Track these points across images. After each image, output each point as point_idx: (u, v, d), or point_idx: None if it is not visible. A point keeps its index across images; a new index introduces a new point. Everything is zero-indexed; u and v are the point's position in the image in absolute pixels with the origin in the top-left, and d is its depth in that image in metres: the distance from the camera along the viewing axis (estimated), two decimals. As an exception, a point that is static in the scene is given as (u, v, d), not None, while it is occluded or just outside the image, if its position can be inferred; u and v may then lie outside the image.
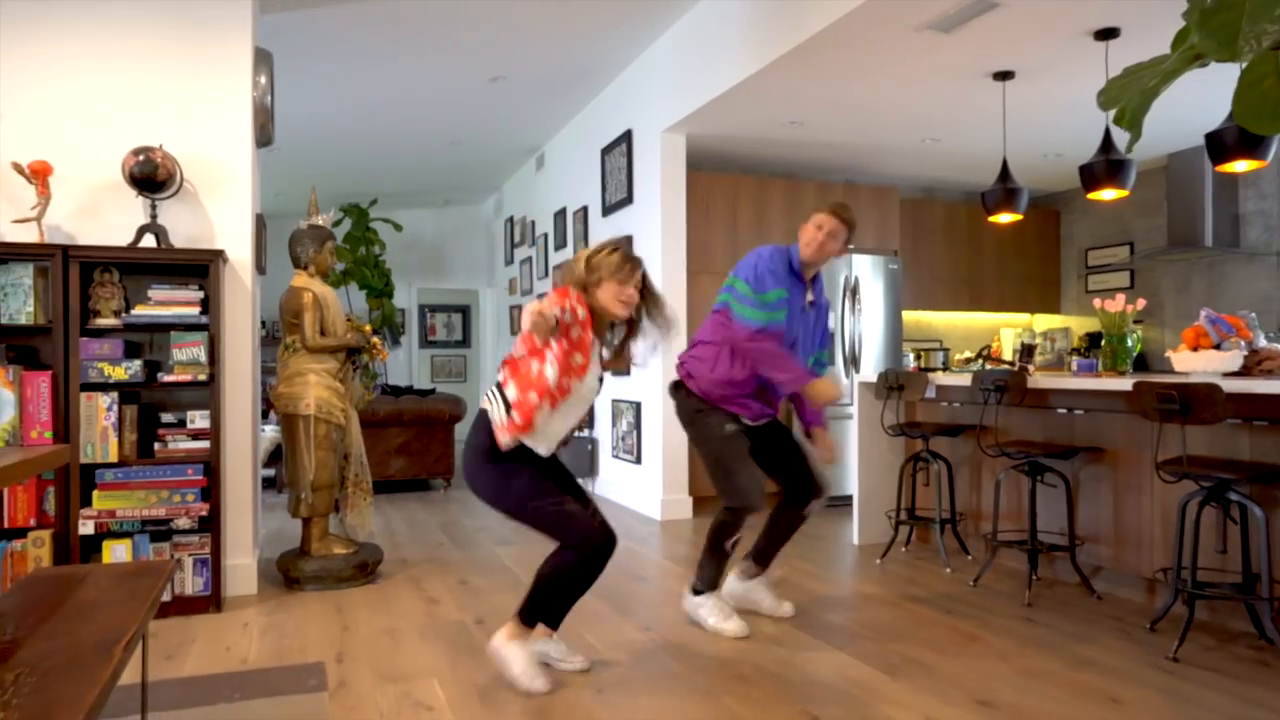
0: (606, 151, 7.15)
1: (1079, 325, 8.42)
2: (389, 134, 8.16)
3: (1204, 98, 5.54)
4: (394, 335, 11.59)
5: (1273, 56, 1.48)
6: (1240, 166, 4.03)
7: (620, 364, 3.23)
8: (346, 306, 11.07)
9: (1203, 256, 7.14)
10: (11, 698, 1.64)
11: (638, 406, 6.59)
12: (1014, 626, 3.66)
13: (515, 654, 2.98)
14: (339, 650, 3.40)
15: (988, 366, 5.07)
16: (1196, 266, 7.34)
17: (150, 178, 3.88)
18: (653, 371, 6.33)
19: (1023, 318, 8.90)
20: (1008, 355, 8.05)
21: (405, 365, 12.27)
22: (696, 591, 3.70)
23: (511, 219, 10.37)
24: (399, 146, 8.64)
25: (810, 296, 3.77)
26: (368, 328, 4.67)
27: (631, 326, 3.16)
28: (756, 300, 3.56)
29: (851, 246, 3.86)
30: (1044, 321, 8.83)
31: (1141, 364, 7.39)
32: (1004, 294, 8.50)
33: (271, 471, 7.46)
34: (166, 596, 3.84)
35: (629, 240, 3.04)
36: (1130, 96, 2.13)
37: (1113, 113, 1.72)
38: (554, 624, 3.16)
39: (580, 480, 7.62)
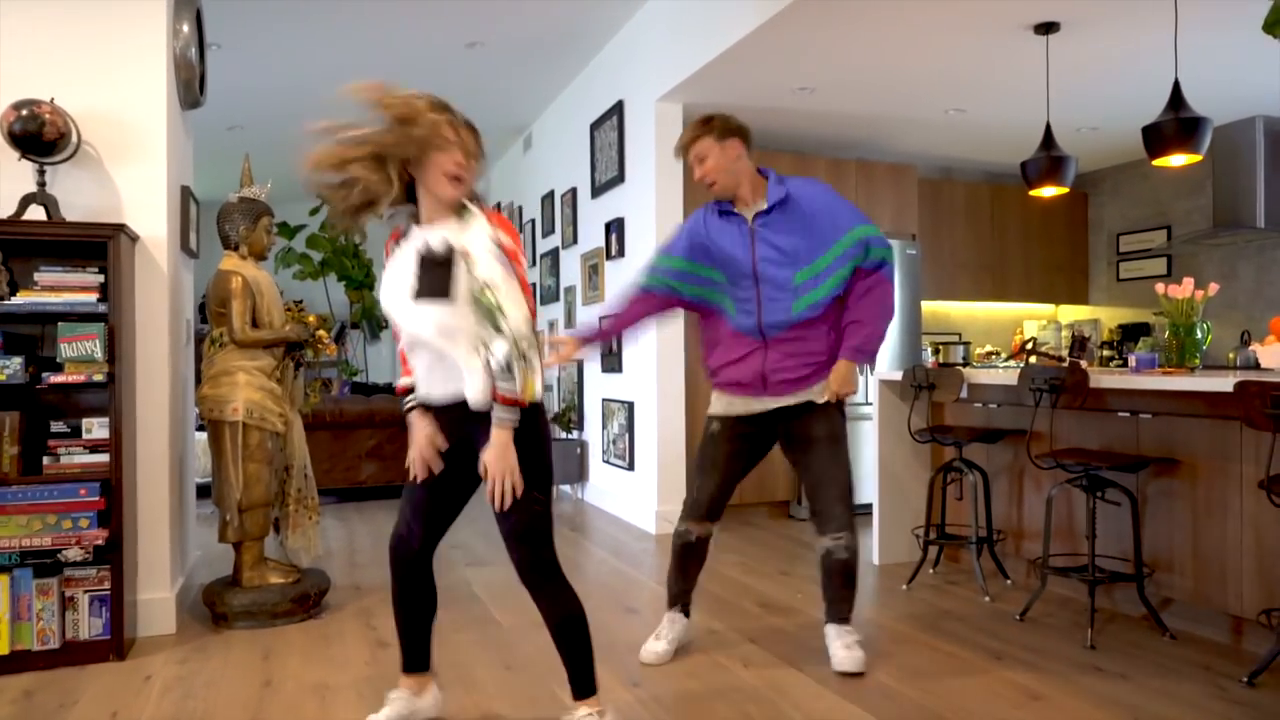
0: (596, 126, 6.48)
1: (1109, 317, 7.76)
2: (362, 108, 7.48)
3: (1257, 60, 4.88)
4: (375, 330, 10.93)
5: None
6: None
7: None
8: (324, 299, 10.44)
9: (1252, 240, 6.48)
10: None
11: (630, 406, 5.93)
12: (1081, 679, 3.00)
13: None
14: (253, 715, 2.74)
15: (1034, 360, 4.39)
16: (1244, 251, 6.68)
17: (36, 136, 3.21)
18: (647, 369, 5.68)
19: (1048, 309, 8.22)
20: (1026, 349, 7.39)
21: (387, 361, 11.60)
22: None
23: (498, 205, 9.71)
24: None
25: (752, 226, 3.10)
26: (312, 318, 4.02)
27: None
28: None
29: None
30: (1070, 313, 8.16)
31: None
32: (1028, 283, 7.83)
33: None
34: (54, 643, 3.18)
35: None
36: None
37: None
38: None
39: (568, 487, 7.03)
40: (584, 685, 2.39)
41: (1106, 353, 7.11)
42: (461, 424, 2.35)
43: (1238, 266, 6.71)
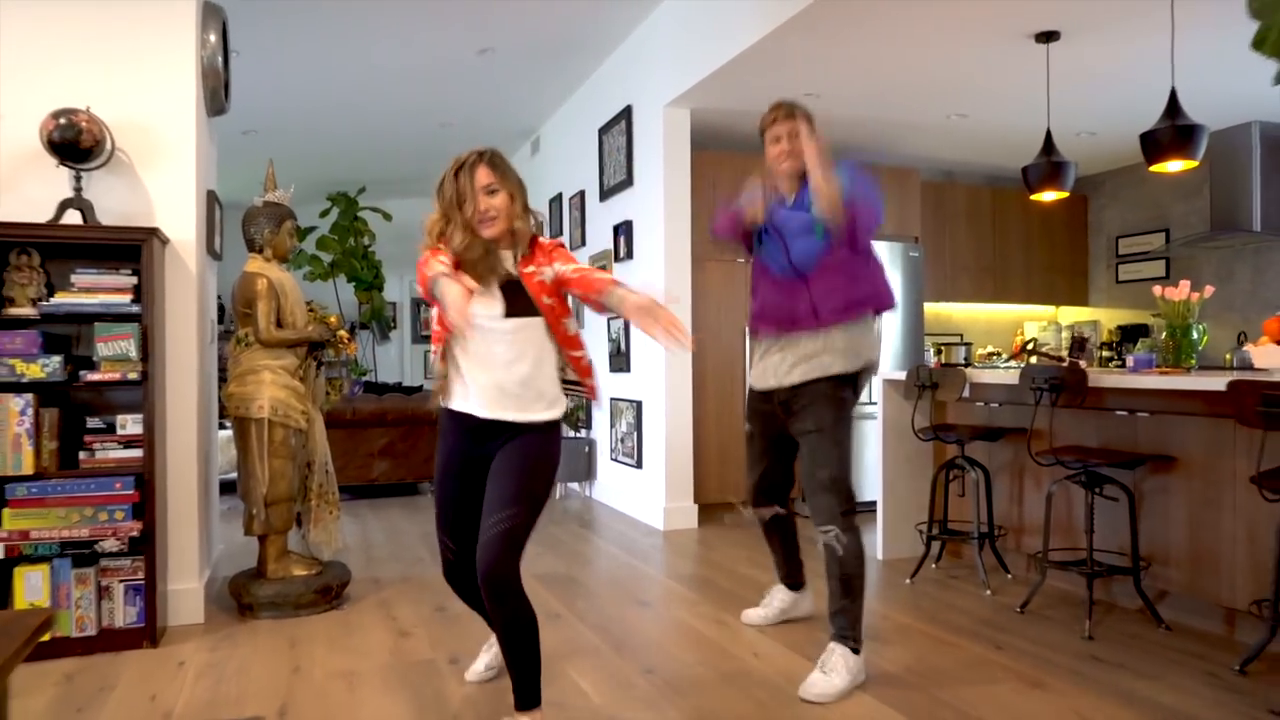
0: (604, 131, 6.60)
1: (1109, 318, 7.88)
2: (374, 114, 7.62)
3: (1252, 67, 5.00)
4: (384, 330, 11.06)
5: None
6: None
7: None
8: (334, 300, 10.56)
9: (1248, 242, 6.60)
10: None
11: (638, 405, 6.05)
12: (1079, 667, 3.12)
13: None
14: (283, 700, 2.87)
15: (1034, 360, 4.52)
16: (1241, 254, 6.79)
17: (73, 144, 3.34)
18: (654, 367, 5.80)
19: (1048, 310, 8.34)
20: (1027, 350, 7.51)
21: (396, 361, 11.74)
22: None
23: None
24: (385, 129, 8.10)
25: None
26: (333, 319, 4.14)
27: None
28: None
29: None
30: (1070, 314, 8.28)
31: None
32: (1029, 285, 7.95)
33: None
34: (91, 630, 3.30)
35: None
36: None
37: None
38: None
39: (577, 485, 7.15)
40: (529, 696, 2.44)
41: (1105, 353, 7.22)
42: (490, 437, 2.52)
43: (1234, 269, 6.83)
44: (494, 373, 2.48)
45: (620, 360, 6.37)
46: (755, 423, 3.42)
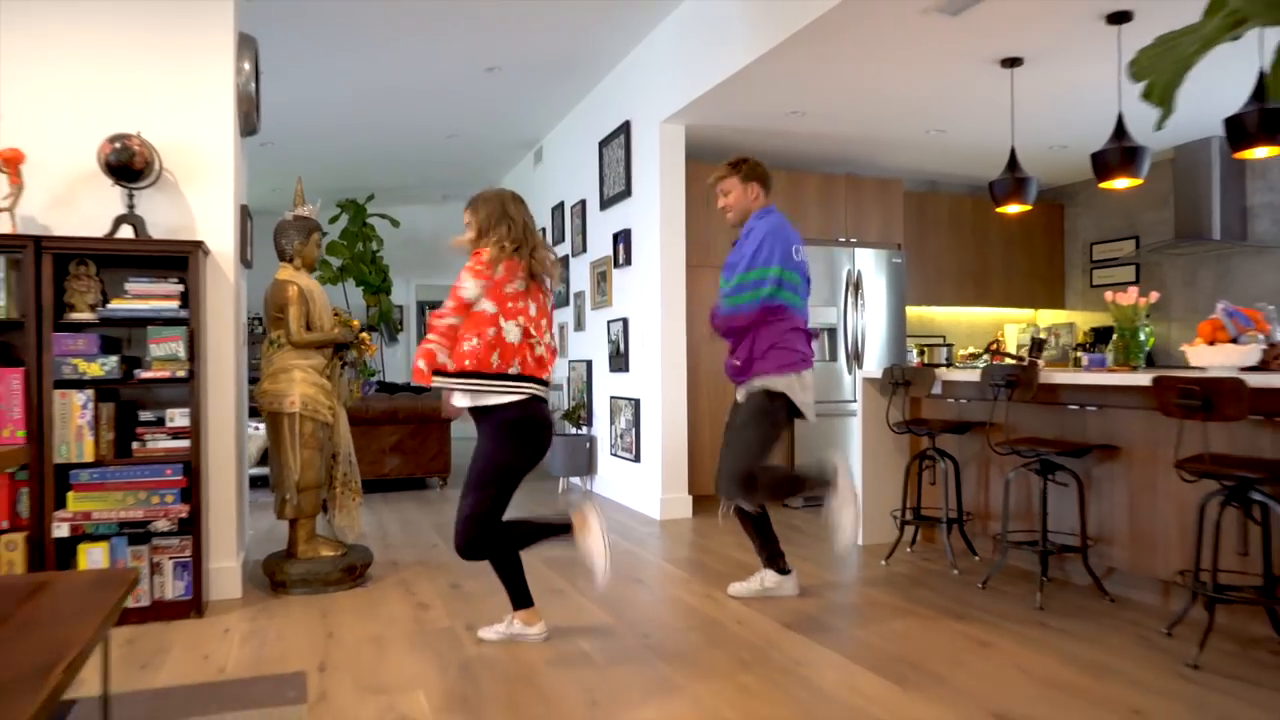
0: (604, 143, 6.99)
1: (1084, 320, 8.28)
2: (384, 127, 8.01)
3: (1212, 86, 5.40)
4: (391, 332, 11.44)
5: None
6: (1261, 153, 3.88)
7: None
8: (343, 303, 10.95)
9: (1210, 250, 7.00)
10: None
11: (636, 403, 6.44)
12: (1027, 632, 3.51)
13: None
14: (322, 659, 3.26)
15: (996, 361, 4.91)
16: (1204, 260, 7.19)
17: (127, 166, 3.73)
18: (652, 368, 6.19)
19: (1027, 313, 8.74)
20: (1012, 350, 7.91)
21: (403, 363, 12.12)
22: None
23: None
24: (395, 140, 8.50)
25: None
26: (356, 322, 4.53)
27: None
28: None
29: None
30: (1049, 317, 8.68)
31: (1148, 359, 7.24)
32: (1008, 289, 8.36)
33: (265, 470, 7.32)
34: (145, 601, 3.69)
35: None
36: (1163, 68, 1.98)
37: (1137, 91, 1.60)
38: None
39: (578, 479, 7.54)
40: (518, 599, 3.42)
41: (1079, 354, 7.61)
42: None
43: (1198, 274, 7.23)
44: None
45: (620, 361, 6.76)
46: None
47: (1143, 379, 3.50)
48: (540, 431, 3.25)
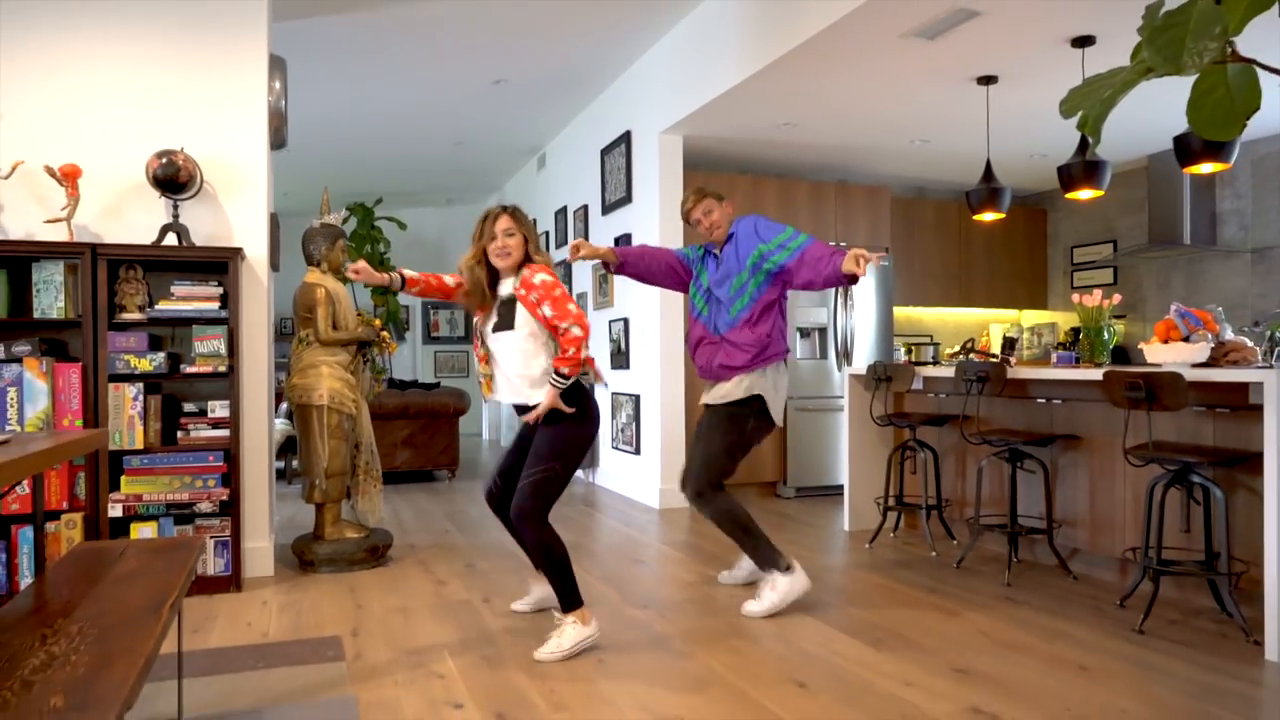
0: (606, 152, 7.35)
1: (1065, 320, 8.64)
2: (394, 135, 8.36)
3: (1183, 100, 5.75)
4: (398, 332, 11.79)
5: (1221, 69, 1.67)
6: (1206, 169, 4.24)
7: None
8: (353, 301, 11.30)
9: (1182, 254, 7.36)
10: (79, 645, 1.85)
11: (637, 399, 6.80)
12: (993, 605, 3.87)
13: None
14: (354, 626, 3.61)
15: (972, 359, 5.28)
16: (1176, 263, 7.55)
17: (173, 179, 4.08)
18: (651, 365, 6.54)
19: (1011, 313, 9.11)
20: (997, 349, 8.26)
21: (409, 361, 12.48)
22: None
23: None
24: (404, 148, 8.85)
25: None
26: (377, 322, 4.88)
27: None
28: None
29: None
30: (1032, 317, 9.04)
31: (1122, 356, 7.61)
32: (993, 290, 8.72)
33: (280, 464, 7.67)
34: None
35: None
36: (1090, 105, 2.34)
37: (1076, 119, 1.95)
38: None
39: (581, 472, 7.90)
40: (568, 603, 3.28)
41: (1060, 351, 7.96)
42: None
43: (1171, 277, 7.59)
44: (498, 370, 3.42)
45: (620, 359, 7.11)
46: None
47: (1096, 374, 3.86)
48: None
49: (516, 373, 3.32)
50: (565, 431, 3.32)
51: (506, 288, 3.37)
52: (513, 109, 7.65)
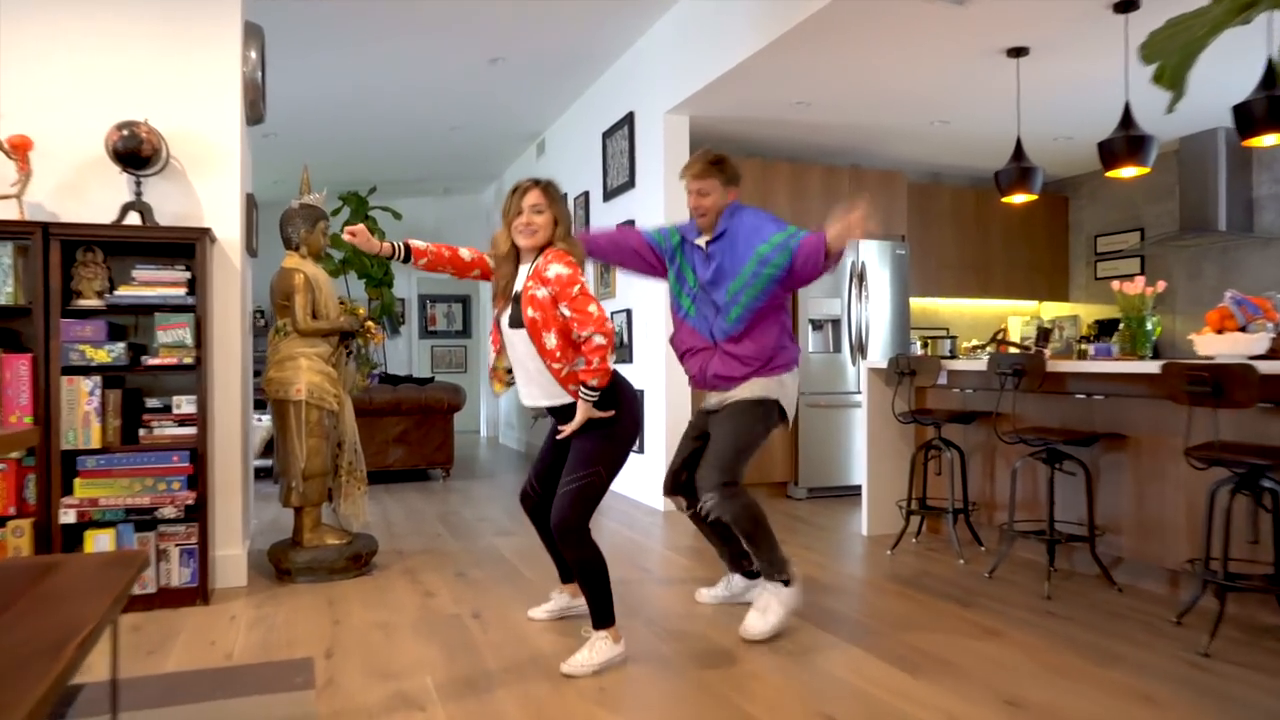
0: (608, 135, 6.98)
1: (1088, 313, 8.27)
2: (387, 118, 7.99)
3: (1218, 76, 5.39)
4: (393, 325, 11.43)
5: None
6: (1269, 140, 3.86)
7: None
8: (345, 294, 10.94)
9: (1215, 241, 6.98)
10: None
11: (640, 395, 6.43)
12: (1035, 620, 3.51)
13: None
14: (329, 645, 3.25)
15: (1001, 351, 4.91)
16: (1209, 252, 7.18)
17: (134, 153, 3.72)
18: (656, 361, 6.18)
19: (1030, 305, 8.74)
20: (1015, 342, 7.89)
21: (405, 356, 12.12)
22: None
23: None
24: (397, 132, 8.47)
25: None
26: (361, 310, 4.52)
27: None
28: None
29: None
30: (1052, 309, 8.67)
31: (1153, 350, 7.23)
32: (1011, 281, 8.34)
33: (269, 462, 7.32)
34: (151, 588, 3.69)
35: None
36: (1172, 51, 1.96)
37: (1145, 79, 1.59)
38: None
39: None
40: (600, 618, 3.03)
41: (1084, 346, 7.59)
42: (564, 420, 3.09)
43: (1203, 266, 7.22)
44: (517, 367, 3.10)
45: (624, 353, 6.75)
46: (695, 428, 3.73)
47: (1151, 366, 3.49)
48: None
49: (538, 368, 3.02)
50: (605, 433, 3.01)
51: (521, 275, 3.07)
52: (511, 90, 7.28)
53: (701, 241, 3.53)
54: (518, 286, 3.05)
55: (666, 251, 3.65)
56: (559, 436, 3.10)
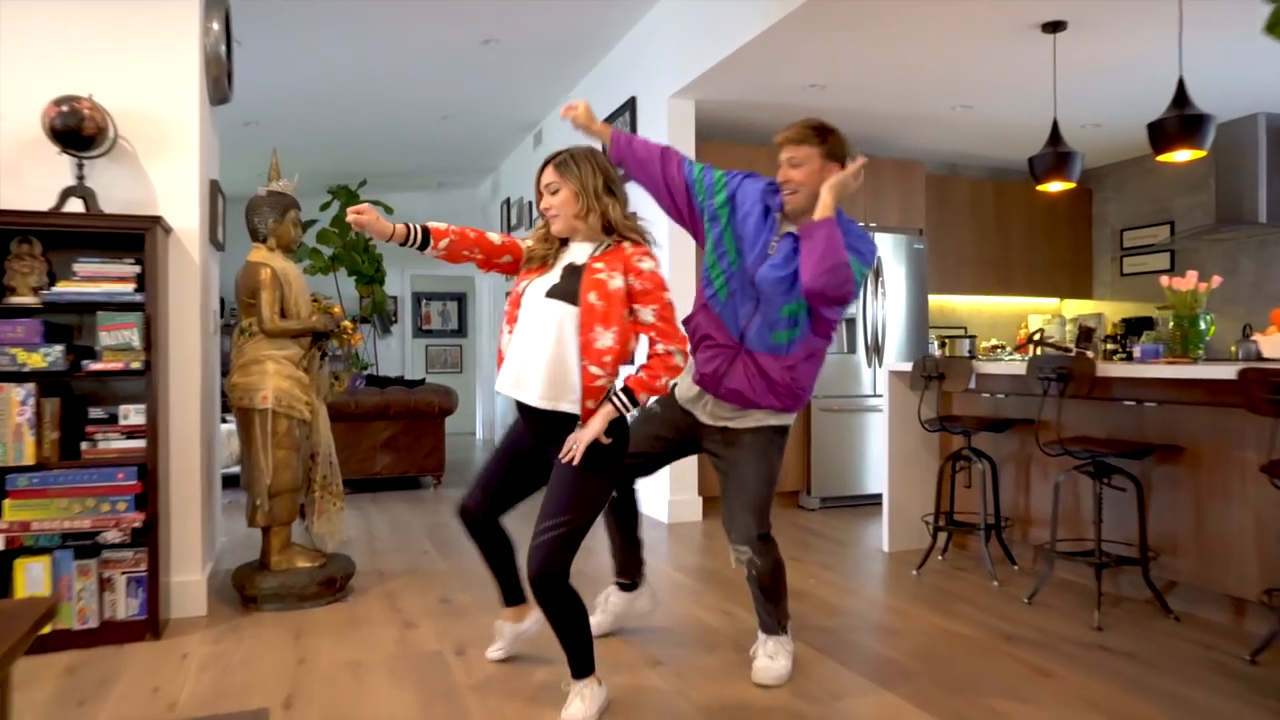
0: (608, 121, 6.57)
1: (1113, 311, 7.85)
2: (376, 105, 7.57)
3: (1257, 60, 4.99)
4: (385, 324, 11.02)
5: None
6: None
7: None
8: (335, 294, 10.53)
9: (1253, 235, 6.57)
10: None
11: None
12: (1089, 657, 3.11)
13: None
14: (289, 691, 2.85)
15: (1041, 352, 4.50)
16: (1246, 246, 6.77)
17: (75, 131, 3.31)
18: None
19: (1051, 303, 8.32)
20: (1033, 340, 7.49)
21: (398, 355, 11.71)
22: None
23: (508, 201, 9.81)
24: (387, 120, 8.05)
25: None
26: (337, 309, 4.11)
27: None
28: None
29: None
30: (1074, 307, 8.26)
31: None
32: (1032, 278, 7.92)
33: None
34: (93, 623, 3.28)
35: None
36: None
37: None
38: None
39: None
40: (581, 668, 2.61)
41: (1110, 346, 7.20)
42: (536, 428, 2.66)
43: (1239, 261, 6.80)
44: (521, 343, 2.57)
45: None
46: (658, 419, 3.12)
47: (1223, 371, 3.09)
48: None
49: (558, 357, 2.51)
50: (598, 462, 2.53)
51: (580, 254, 2.63)
52: (505, 75, 6.86)
53: (793, 227, 2.84)
54: (574, 259, 2.62)
55: (707, 209, 2.98)
56: (561, 457, 2.53)
